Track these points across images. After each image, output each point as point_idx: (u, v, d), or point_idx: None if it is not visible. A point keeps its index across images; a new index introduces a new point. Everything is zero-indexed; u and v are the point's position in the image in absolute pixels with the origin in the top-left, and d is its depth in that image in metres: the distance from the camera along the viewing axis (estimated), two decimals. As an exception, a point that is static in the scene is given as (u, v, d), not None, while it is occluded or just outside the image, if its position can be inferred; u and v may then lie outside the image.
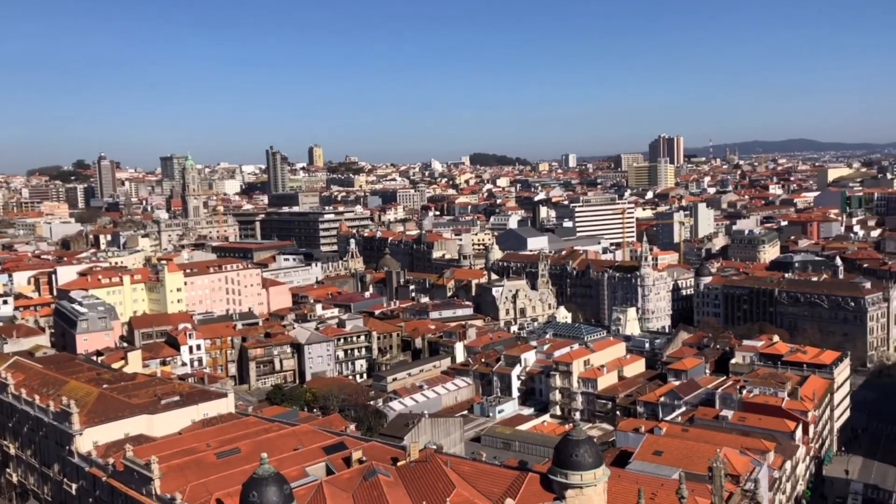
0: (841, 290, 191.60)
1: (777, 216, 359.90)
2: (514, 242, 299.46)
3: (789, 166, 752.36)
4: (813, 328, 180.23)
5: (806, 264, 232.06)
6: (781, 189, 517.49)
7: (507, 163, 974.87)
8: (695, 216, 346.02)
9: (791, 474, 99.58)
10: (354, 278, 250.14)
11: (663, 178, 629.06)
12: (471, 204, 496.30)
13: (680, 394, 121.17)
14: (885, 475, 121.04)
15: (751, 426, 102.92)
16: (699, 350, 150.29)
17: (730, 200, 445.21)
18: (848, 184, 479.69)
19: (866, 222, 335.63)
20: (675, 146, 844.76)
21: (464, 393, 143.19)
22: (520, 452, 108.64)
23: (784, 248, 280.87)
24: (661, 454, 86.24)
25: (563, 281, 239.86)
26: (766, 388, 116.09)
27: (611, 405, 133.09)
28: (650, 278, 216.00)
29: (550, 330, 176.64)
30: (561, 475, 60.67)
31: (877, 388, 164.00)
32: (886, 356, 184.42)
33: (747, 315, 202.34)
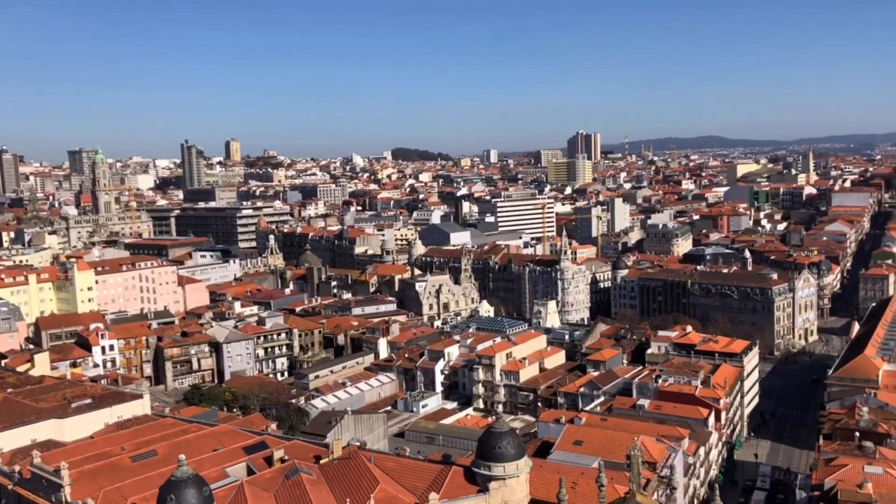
0: (749, 281, 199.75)
1: (689, 210, 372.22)
2: (437, 237, 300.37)
3: (701, 162, 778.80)
4: (724, 318, 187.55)
5: (717, 257, 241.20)
6: (693, 184, 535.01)
7: (430, 158, 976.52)
8: (612, 211, 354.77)
9: (705, 460, 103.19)
10: (274, 275, 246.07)
11: (581, 174, 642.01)
12: (393, 199, 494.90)
13: (599, 384, 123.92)
14: (791, 458, 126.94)
15: (666, 414, 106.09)
16: (617, 341, 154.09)
17: (645, 195, 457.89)
18: (756, 179, 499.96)
19: (773, 216, 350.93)
20: (593, 143, 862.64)
21: (387, 389, 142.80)
22: (444, 446, 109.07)
23: (696, 242, 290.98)
24: (581, 444, 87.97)
25: (486, 275, 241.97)
26: (681, 376, 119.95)
27: (532, 397, 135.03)
28: (569, 272, 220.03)
29: (473, 324, 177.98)
30: (484, 467, 61.19)
31: (783, 375, 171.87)
32: (792, 344, 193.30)
33: (662, 306, 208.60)
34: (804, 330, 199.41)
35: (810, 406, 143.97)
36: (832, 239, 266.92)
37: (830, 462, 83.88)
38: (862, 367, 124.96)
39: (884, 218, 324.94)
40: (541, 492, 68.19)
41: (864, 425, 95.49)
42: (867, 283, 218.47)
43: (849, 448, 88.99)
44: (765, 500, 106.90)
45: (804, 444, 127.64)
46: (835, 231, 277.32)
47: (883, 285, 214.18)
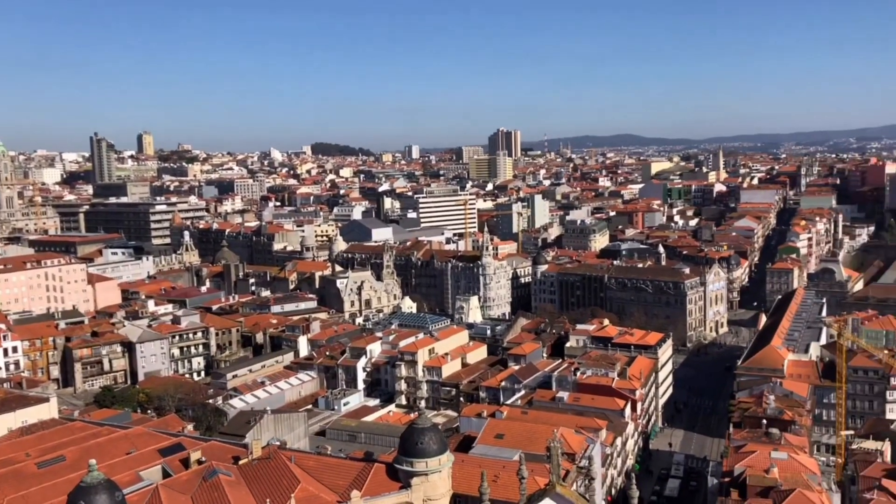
0: (663, 275, 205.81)
1: (606, 207, 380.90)
2: (358, 233, 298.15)
3: (617, 160, 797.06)
4: (639, 311, 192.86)
5: (632, 252, 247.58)
6: (610, 181, 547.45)
7: (351, 153, 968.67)
8: (532, 207, 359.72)
9: (621, 450, 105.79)
10: (190, 272, 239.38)
11: (502, 171, 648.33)
12: (313, 194, 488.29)
13: (520, 378, 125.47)
14: (703, 446, 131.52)
15: (585, 406, 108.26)
16: (537, 335, 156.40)
17: (563, 192, 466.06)
18: (669, 177, 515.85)
19: (685, 212, 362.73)
20: (513, 140, 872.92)
21: (308, 387, 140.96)
22: (366, 444, 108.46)
23: (613, 237, 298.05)
24: (502, 437, 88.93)
25: (408, 271, 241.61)
26: (598, 369, 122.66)
27: (455, 392, 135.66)
28: (491, 267, 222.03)
29: (396, 320, 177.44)
30: (406, 463, 61.05)
31: (695, 366, 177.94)
32: (703, 336, 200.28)
33: (580, 300, 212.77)
34: (715, 322, 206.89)
35: (721, 395, 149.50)
36: (741, 234, 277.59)
37: (740, 449, 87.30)
38: (769, 357, 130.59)
39: (789, 214, 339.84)
40: (463, 486, 68.56)
41: (771, 413, 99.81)
42: (773, 277, 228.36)
43: (757, 435, 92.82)
44: (678, 488, 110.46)
45: (715, 433, 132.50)
46: (743, 227, 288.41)
47: (788, 279, 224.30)
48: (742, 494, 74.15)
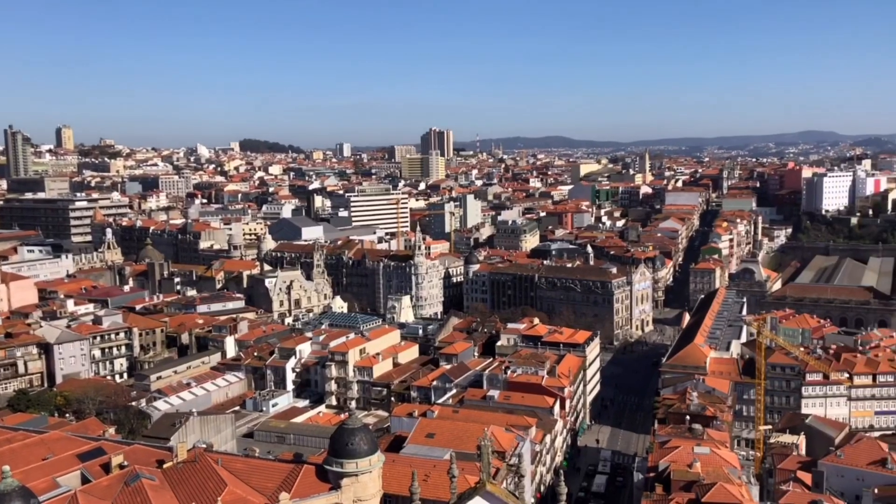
0: (591, 275, 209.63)
1: (537, 207, 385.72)
2: (287, 232, 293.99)
3: (547, 161, 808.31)
4: (568, 310, 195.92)
5: (562, 252, 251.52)
6: (540, 182, 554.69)
7: (280, 150, 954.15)
8: (464, 207, 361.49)
9: (550, 447, 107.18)
10: (112, 271, 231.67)
11: (435, 170, 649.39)
12: (241, 192, 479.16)
13: (451, 377, 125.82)
14: (629, 441, 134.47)
15: (515, 404, 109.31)
16: (469, 334, 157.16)
17: (495, 192, 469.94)
18: (597, 178, 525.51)
19: (613, 213, 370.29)
20: (446, 140, 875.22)
21: (235, 388, 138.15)
22: (295, 445, 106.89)
23: (543, 237, 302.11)
24: (433, 436, 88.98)
25: (339, 271, 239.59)
26: (528, 367, 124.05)
27: (386, 392, 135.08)
28: (423, 267, 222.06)
29: (326, 320, 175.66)
30: (336, 464, 60.43)
31: (622, 363, 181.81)
32: (630, 334, 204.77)
33: (511, 300, 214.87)
34: (641, 321, 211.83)
35: (647, 392, 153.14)
36: (666, 235, 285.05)
37: (664, 444, 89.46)
38: (692, 354, 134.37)
39: (711, 216, 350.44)
40: (393, 486, 68.29)
41: (694, 409, 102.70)
42: (696, 277, 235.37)
43: (680, 431, 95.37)
44: (605, 484, 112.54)
45: (641, 429, 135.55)
46: (668, 228, 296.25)
47: (710, 278, 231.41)
48: (666, 489, 75.95)
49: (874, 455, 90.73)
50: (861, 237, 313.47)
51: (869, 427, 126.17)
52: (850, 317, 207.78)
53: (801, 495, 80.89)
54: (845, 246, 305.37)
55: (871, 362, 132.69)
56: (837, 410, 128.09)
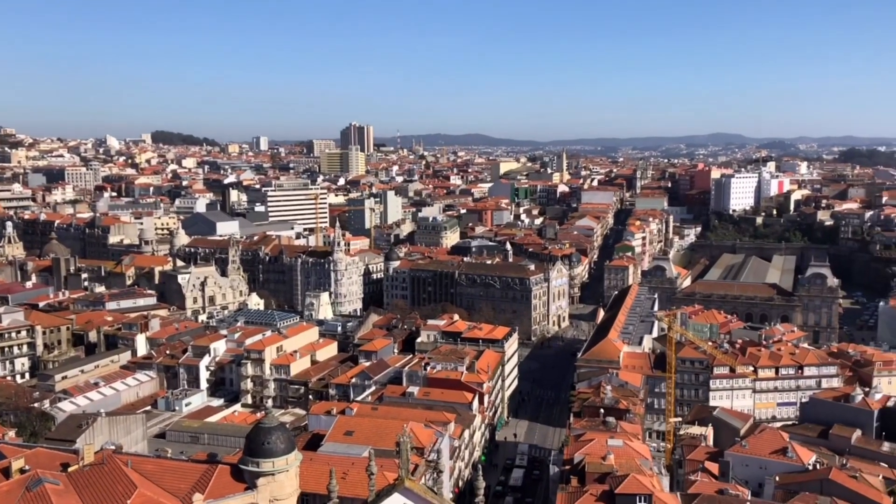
0: (510, 271, 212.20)
1: (457, 204, 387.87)
2: (202, 227, 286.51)
3: (468, 159, 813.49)
4: (487, 306, 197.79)
5: (482, 248, 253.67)
6: (461, 179, 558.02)
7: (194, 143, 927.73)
8: (384, 203, 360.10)
9: (469, 442, 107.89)
10: (13, 266, 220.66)
11: (354, 166, 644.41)
12: (153, 185, 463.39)
13: (370, 374, 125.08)
14: (546, 435, 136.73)
15: (434, 400, 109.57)
16: (388, 331, 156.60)
17: (416, 189, 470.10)
18: (516, 176, 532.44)
19: (531, 211, 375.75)
20: (366, 135, 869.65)
21: (146, 388, 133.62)
22: (209, 445, 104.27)
23: (463, 234, 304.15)
24: (352, 434, 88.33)
25: (256, 267, 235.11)
26: (448, 363, 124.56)
27: (304, 390, 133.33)
28: (342, 263, 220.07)
29: (242, 317, 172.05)
30: (252, 464, 59.20)
31: (539, 358, 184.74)
32: (547, 329, 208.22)
33: (432, 296, 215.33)
34: (557, 316, 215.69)
35: (563, 386, 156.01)
36: (582, 233, 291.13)
37: (579, 438, 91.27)
38: (606, 349, 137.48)
39: (625, 214, 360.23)
40: (311, 484, 67.40)
41: (608, 403, 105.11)
42: (611, 274, 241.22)
43: (595, 424, 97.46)
44: (522, 477, 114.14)
45: (557, 422, 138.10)
46: (584, 226, 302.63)
47: (624, 275, 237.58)
48: (581, 481, 77.46)
49: (776, 444, 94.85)
50: (765, 236, 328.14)
51: (771, 418, 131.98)
52: (755, 312, 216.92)
53: (709, 484, 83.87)
54: (751, 244, 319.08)
55: (774, 356, 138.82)
56: (743, 402, 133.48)
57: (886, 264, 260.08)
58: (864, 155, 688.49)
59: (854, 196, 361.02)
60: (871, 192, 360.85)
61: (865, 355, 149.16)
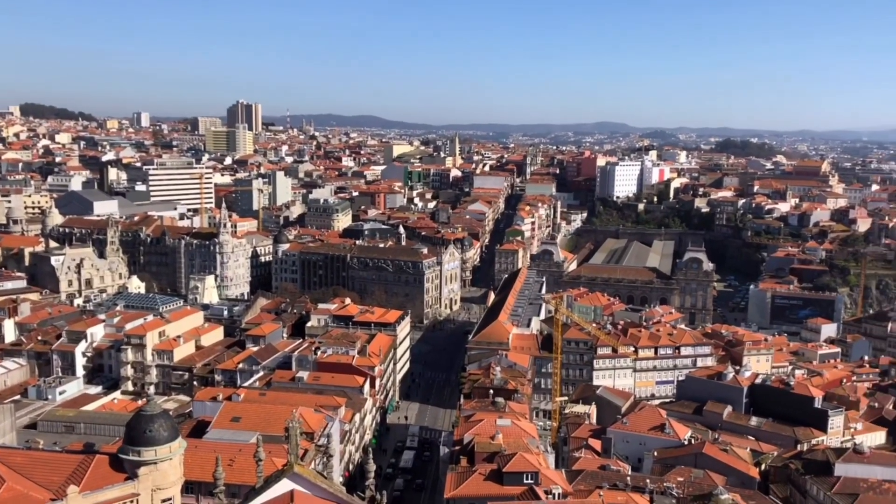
0: (403, 255, 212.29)
1: (349, 187, 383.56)
2: (77, 206, 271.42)
3: (360, 140, 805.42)
4: (380, 290, 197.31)
5: (374, 232, 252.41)
6: (353, 161, 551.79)
7: (69, 117, 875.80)
8: (273, 184, 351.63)
9: (360, 426, 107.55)
10: None
11: (242, 145, 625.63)
12: (22, 161, 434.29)
13: (258, 359, 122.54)
14: (437, 417, 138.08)
15: (325, 384, 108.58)
16: (277, 315, 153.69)
17: (306, 170, 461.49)
18: (410, 160, 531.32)
19: (424, 195, 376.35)
20: (254, 113, 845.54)
21: (15, 376, 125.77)
22: (86, 435, 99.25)
23: (355, 217, 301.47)
24: (239, 420, 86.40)
25: (136, 248, 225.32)
26: (339, 347, 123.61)
27: (188, 376, 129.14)
28: (229, 245, 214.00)
29: (121, 301, 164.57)
30: (133, 453, 56.78)
31: (431, 341, 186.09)
32: (439, 313, 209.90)
33: (323, 280, 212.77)
34: (449, 300, 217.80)
35: (454, 368, 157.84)
36: (474, 217, 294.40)
37: (469, 418, 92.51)
38: (496, 331, 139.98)
39: (515, 199, 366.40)
40: (196, 472, 65.49)
41: (497, 383, 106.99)
42: (501, 257, 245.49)
43: (484, 404, 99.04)
44: (413, 459, 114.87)
45: (448, 404, 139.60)
46: (476, 210, 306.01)
47: (514, 259, 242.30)
48: (471, 461, 78.61)
49: (654, 421, 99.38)
50: (647, 222, 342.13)
51: (651, 396, 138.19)
52: (637, 295, 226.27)
53: (592, 461, 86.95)
54: (633, 230, 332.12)
55: (653, 336, 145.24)
56: (624, 381, 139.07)
57: (757, 250, 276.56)
58: (738, 146, 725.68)
59: (728, 185, 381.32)
60: (744, 182, 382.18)
61: (737, 335, 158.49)
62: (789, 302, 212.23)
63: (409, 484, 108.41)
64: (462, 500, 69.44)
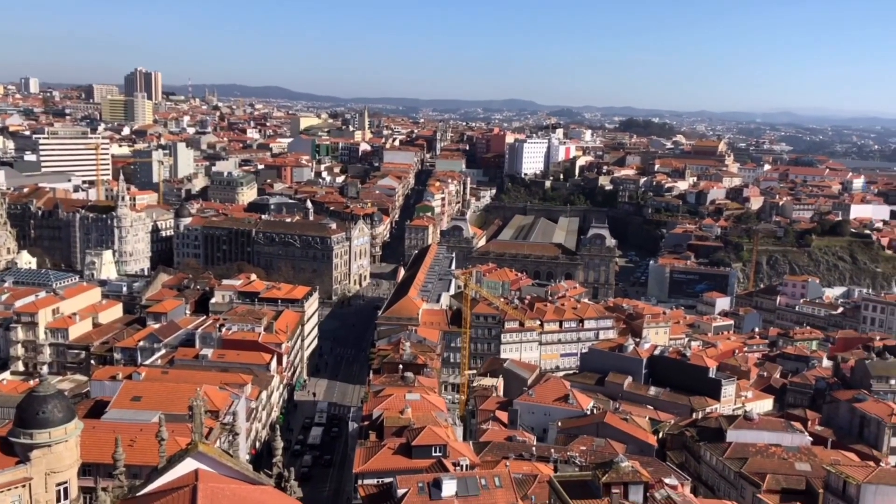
0: (311, 230, 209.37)
1: (255, 160, 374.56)
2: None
3: (266, 112, 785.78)
4: (287, 266, 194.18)
5: (281, 206, 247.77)
6: (259, 134, 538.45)
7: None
8: (174, 156, 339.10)
9: (267, 403, 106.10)
10: None
11: (141, 115, 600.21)
12: None
13: (160, 336, 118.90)
14: (345, 393, 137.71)
15: (230, 362, 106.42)
16: (180, 291, 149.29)
17: (209, 142, 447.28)
18: (317, 133, 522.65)
19: (333, 169, 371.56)
20: (154, 82, 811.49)
21: None
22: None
23: (261, 191, 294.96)
24: (140, 399, 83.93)
25: (26, 222, 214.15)
26: (245, 324, 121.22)
27: (85, 354, 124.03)
28: (127, 219, 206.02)
29: (11, 277, 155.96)
30: (25, 436, 54.09)
31: (339, 317, 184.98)
32: (348, 289, 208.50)
33: (227, 255, 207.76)
34: (359, 275, 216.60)
35: (363, 344, 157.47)
36: (383, 192, 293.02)
37: (378, 393, 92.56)
38: (406, 307, 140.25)
39: (425, 175, 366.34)
40: (94, 454, 63.36)
41: (407, 358, 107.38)
42: (411, 233, 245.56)
43: (394, 379, 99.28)
44: (321, 435, 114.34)
45: (357, 380, 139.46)
46: (386, 185, 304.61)
47: (424, 235, 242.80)
48: (380, 436, 78.70)
49: (559, 392, 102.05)
50: (553, 199, 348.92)
51: (556, 368, 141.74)
52: (543, 270, 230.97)
53: (498, 432, 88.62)
54: (540, 207, 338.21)
55: (558, 310, 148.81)
56: (531, 354, 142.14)
57: (657, 226, 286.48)
58: (641, 125, 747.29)
59: (631, 163, 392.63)
60: (645, 160, 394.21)
61: (637, 309, 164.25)
62: (686, 277, 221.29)
63: (317, 460, 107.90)
64: (371, 474, 69.51)
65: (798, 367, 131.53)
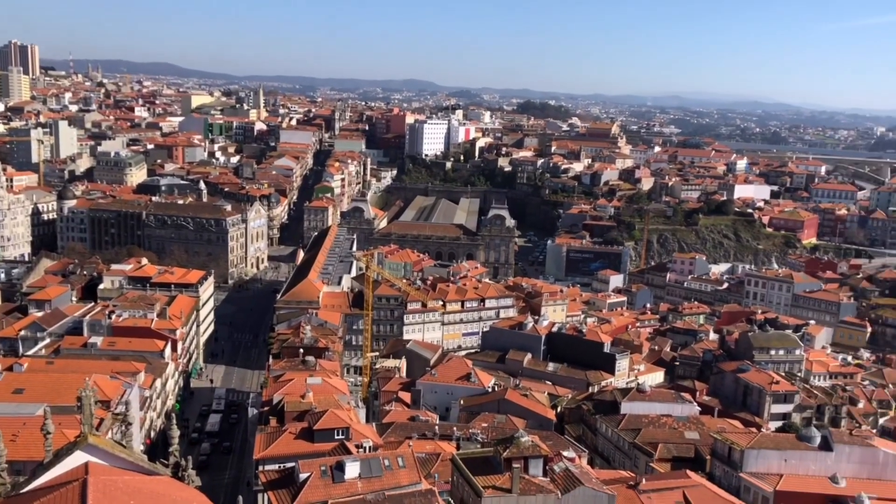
0: (205, 212, 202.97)
1: (144, 139, 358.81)
2: None
3: (155, 89, 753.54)
4: (180, 249, 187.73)
5: (172, 188, 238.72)
6: (148, 112, 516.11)
7: None
8: (56, 135, 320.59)
9: (161, 391, 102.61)
10: None
11: (16, 90, 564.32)
12: None
13: (43, 325, 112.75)
14: (244, 378, 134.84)
15: (121, 350, 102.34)
16: (65, 277, 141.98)
17: (94, 120, 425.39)
18: (210, 111, 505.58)
19: (227, 149, 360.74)
20: (30, 55, 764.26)
21: None
22: None
23: (151, 172, 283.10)
24: (22, 391, 79.82)
25: None
26: (136, 310, 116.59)
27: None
28: (5, 202, 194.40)
29: None
30: None
31: (236, 301, 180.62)
32: (245, 272, 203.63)
33: (115, 239, 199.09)
34: (256, 258, 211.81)
35: (262, 329, 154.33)
36: (280, 173, 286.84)
37: (279, 378, 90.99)
38: (306, 290, 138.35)
39: (324, 155, 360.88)
40: (-29, 453, 59.29)
41: (307, 342, 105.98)
42: (310, 214, 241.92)
43: (294, 364, 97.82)
44: (219, 422, 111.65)
45: (256, 365, 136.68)
46: (283, 166, 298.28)
47: (324, 216, 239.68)
48: (280, 421, 77.45)
49: (461, 371, 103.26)
50: (454, 180, 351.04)
51: (458, 347, 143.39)
52: (445, 251, 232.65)
53: (402, 413, 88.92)
54: (441, 188, 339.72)
55: (460, 290, 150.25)
56: (433, 334, 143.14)
57: (554, 207, 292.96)
58: (538, 107, 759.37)
59: (529, 145, 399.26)
60: (542, 142, 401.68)
61: (536, 287, 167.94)
62: (582, 255, 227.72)
63: (215, 447, 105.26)
64: (272, 459, 68.38)
65: (687, 341, 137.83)
